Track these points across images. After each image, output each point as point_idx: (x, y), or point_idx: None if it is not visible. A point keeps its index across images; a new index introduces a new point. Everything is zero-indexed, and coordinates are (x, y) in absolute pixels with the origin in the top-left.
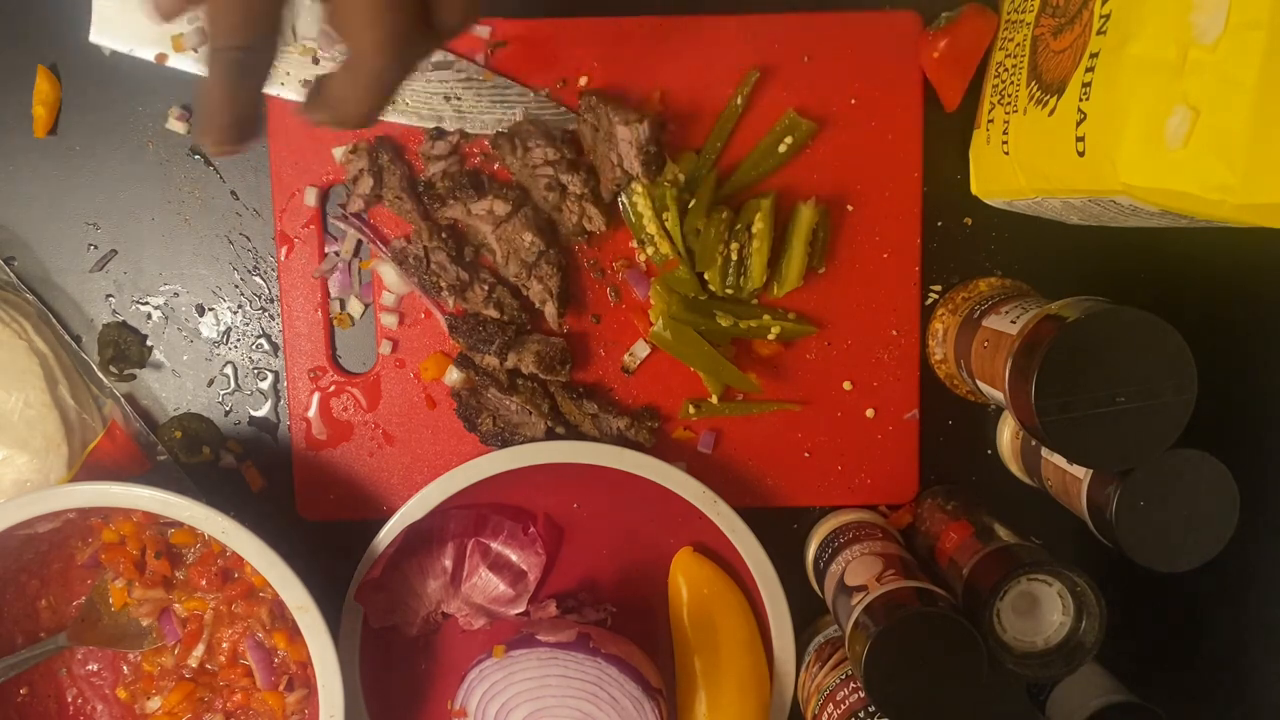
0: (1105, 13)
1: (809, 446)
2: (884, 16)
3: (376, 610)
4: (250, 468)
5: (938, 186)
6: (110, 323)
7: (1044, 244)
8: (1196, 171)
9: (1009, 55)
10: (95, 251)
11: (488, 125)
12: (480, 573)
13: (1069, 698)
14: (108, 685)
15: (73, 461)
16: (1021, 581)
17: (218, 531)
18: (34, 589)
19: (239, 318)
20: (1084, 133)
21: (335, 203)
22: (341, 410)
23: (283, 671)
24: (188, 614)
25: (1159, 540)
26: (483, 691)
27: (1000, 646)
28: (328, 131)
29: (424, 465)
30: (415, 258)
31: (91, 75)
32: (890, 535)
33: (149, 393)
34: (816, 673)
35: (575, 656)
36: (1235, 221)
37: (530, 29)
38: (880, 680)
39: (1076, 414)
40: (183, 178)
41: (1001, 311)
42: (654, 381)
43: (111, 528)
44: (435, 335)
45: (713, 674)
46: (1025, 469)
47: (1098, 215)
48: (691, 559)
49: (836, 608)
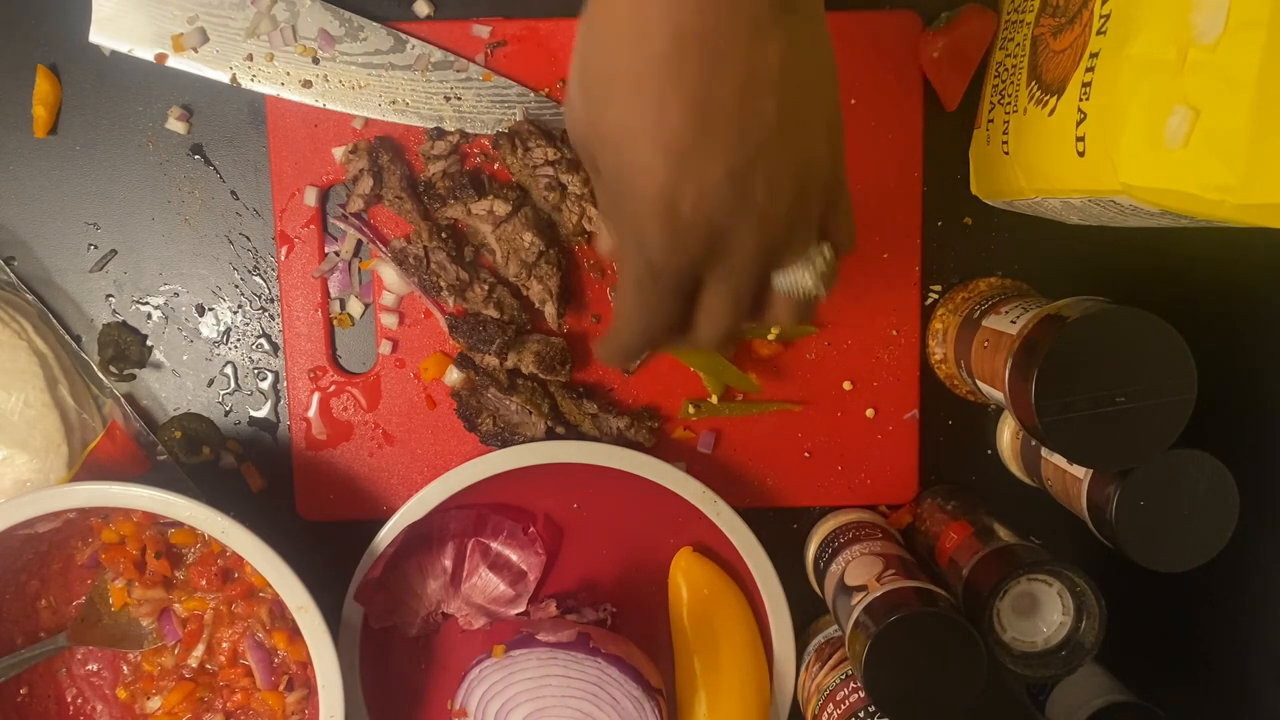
0: (1105, 13)
1: (809, 446)
2: (884, 16)
3: (376, 610)
4: (250, 468)
5: (938, 186)
6: (110, 323)
7: (1044, 244)
8: (1196, 171)
9: (1009, 55)
10: (95, 251)
11: (488, 125)
12: (480, 573)
13: (1069, 698)
14: (108, 685)
15: (73, 461)
16: (1021, 581)
17: (217, 531)
18: (34, 589)
19: (239, 318)
20: (1084, 133)
21: (335, 203)
22: (341, 410)
23: (283, 671)
24: (188, 614)
25: (1159, 540)
26: (483, 691)
27: (1000, 646)
28: (328, 131)
29: (424, 465)
30: (415, 258)
31: (91, 75)
32: (890, 535)
33: (149, 393)
34: (816, 673)
35: (575, 656)
36: (1235, 221)
37: (530, 29)
38: (880, 680)
39: (1076, 414)
40: (183, 178)
41: (1001, 311)
42: (654, 381)
43: (111, 528)
44: (435, 335)
45: (713, 674)
46: (1025, 469)
47: (1098, 215)
48: (691, 559)
49: (836, 608)
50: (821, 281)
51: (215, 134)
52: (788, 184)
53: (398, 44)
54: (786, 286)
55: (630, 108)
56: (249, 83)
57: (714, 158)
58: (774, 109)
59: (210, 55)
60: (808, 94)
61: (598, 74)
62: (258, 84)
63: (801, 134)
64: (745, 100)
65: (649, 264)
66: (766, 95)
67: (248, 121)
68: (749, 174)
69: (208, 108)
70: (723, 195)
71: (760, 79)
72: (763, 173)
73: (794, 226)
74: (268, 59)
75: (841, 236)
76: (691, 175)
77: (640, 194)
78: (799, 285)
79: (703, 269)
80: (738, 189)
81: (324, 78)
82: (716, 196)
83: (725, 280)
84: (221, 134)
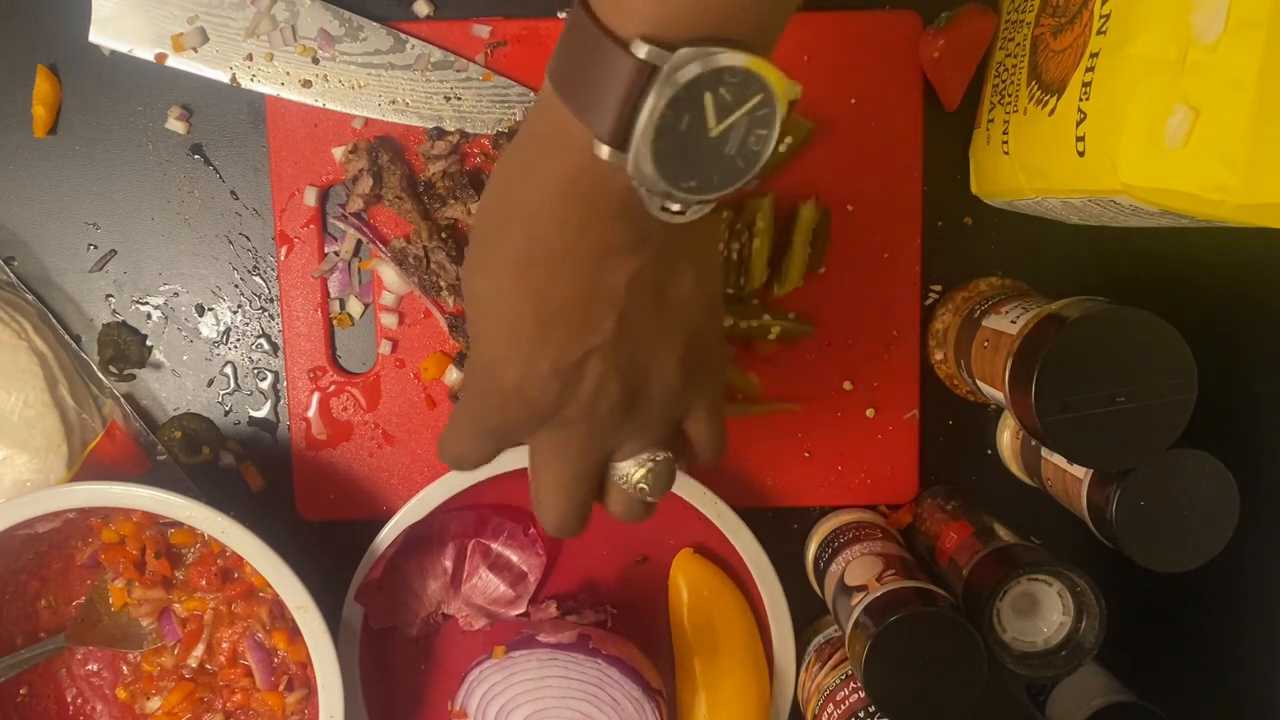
0: (1105, 13)
1: (809, 446)
2: (884, 16)
3: (377, 610)
4: (250, 468)
5: (938, 186)
6: (110, 323)
7: (1044, 244)
8: (1196, 171)
9: (1009, 55)
10: (95, 251)
11: (488, 125)
12: (480, 573)
13: (1069, 698)
14: (107, 685)
15: (73, 461)
16: (1021, 581)
17: (217, 531)
18: (34, 589)
19: (239, 318)
20: (1084, 133)
21: (335, 203)
22: (341, 410)
23: (283, 671)
24: (188, 614)
25: (1159, 540)
26: (483, 692)
27: (1000, 646)
28: (328, 131)
29: (424, 465)
30: (415, 258)
31: (91, 75)
32: (890, 535)
33: (149, 393)
34: (816, 673)
35: (575, 657)
36: (1235, 221)
37: (530, 29)
38: (880, 680)
39: (1076, 414)
40: (183, 178)
41: (1001, 311)
42: None
43: (111, 528)
44: (435, 335)
45: (713, 674)
46: (1025, 469)
47: (1098, 215)
48: (692, 560)
49: (836, 608)
50: (647, 480)
51: (215, 134)
52: (615, 388)
53: (398, 44)
54: (617, 478)
55: (489, 284)
56: (249, 83)
57: (544, 350)
58: (612, 324)
59: (210, 55)
60: (664, 316)
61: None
62: (258, 84)
63: (644, 349)
64: (583, 310)
65: (474, 412)
66: (606, 311)
67: (248, 121)
68: (576, 372)
69: (208, 108)
70: (546, 383)
71: (602, 295)
72: (591, 374)
73: (622, 427)
74: (268, 59)
75: (699, 445)
76: (521, 358)
77: (480, 354)
78: (628, 479)
79: (528, 436)
80: (562, 382)
81: (324, 78)
82: (540, 381)
83: (550, 459)
84: (221, 134)
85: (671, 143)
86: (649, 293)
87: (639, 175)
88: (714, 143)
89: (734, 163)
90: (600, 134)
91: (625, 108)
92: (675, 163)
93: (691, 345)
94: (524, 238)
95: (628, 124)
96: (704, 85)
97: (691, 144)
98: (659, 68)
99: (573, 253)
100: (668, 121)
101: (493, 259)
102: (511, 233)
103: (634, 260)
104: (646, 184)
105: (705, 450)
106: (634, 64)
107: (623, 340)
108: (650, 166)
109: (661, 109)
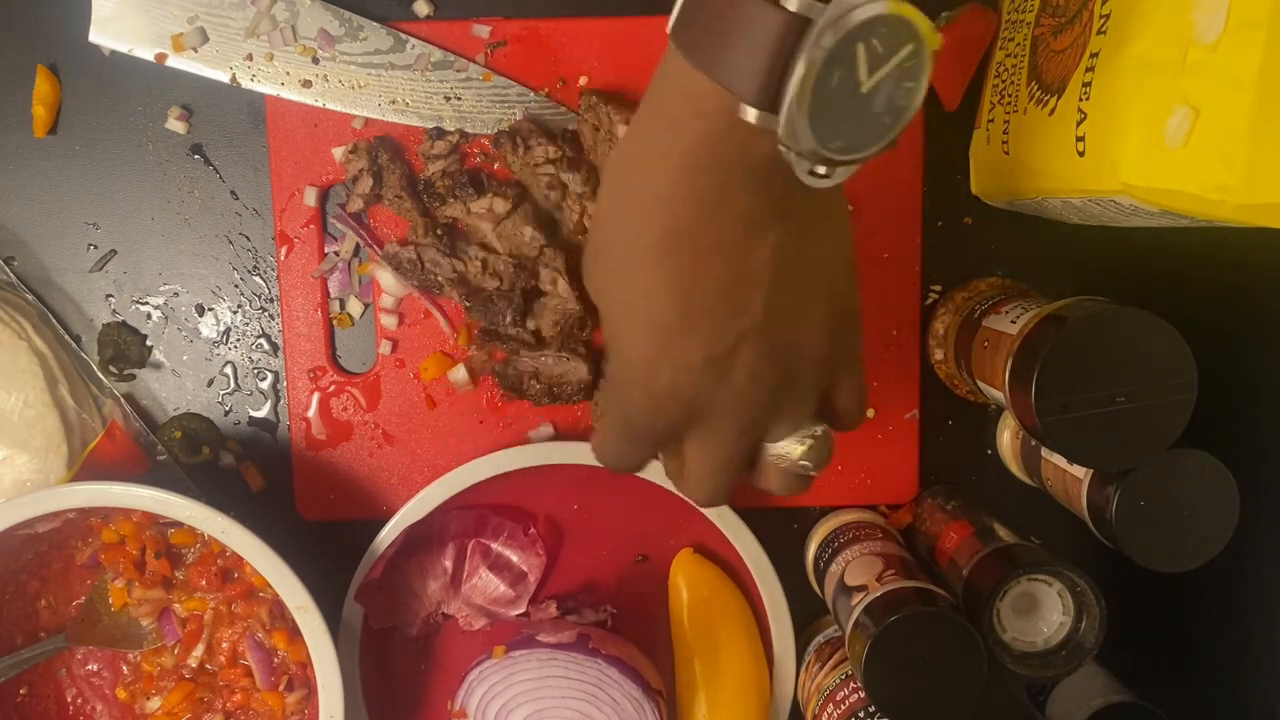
0: (1105, 13)
1: None
2: None
3: (377, 610)
4: (250, 468)
5: (938, 186)
6: (110, 323)
7: (1044, 244)
8: (1196, 171)
9: (1009, 55)
10: (95, 251)
11: (488, 125)
12: (480, 573)
13: (1069, 698)
14: (107, 685)
15: (73, 461)
16: (1021, 581)
17: (217, 531)
18: (34, 589)
19: (239, 318)
20: (1084, 133)
21: (335, 203)
22: (341, 410)
23: (283, 671)
24: (188, 614)
25: (1159, 540)
26: (483, 692)
27: (1000, 646)
28: (328, 131)
29: (424, 465)
30: (409, 260)
31: (91, 75)
32: (890, 535)
33: (149, 393)
34: (816, 673)
35: (575, 657)
36: (1235, 221)
37: (530, 29)
38: (880, 680)
39: (1076, 414)
40: (183, 178)
41: (1001, 311)
42: None
43: (111, 528)
44: (435, 335)
45: (713, 675)
46: (1025, 469)
47: (1098, 215)
48: (691, 560)
49: (836, 608)
50: (809, 457)
51: (215, 134)
52: (769, 371)
53: (398, 44)
54: (774, 456)
55: (625, 283)
56: (249, 83)
57: (694, 342)
58: (761, 304)
59: (210, 55)
60: (806, 287)
61: (603, 247)
62: (258, 84)
63: (793, 324)
64: (730, 293)
65: (628, 418)
66: (753, 290)
67: (248, 121)
68: (729, 360)
69: (208, 108)
70: (699, 376)
71: (748, 275)
72: (744, 360)
73: (778, 407)
74: (268, 59)
75: (845, 414)
76: (671, 355)
77: (626, 359)
78: (787, 457)
79: (684, 431)
80: (715, 372)
81: (324, 77)
82: (693, 377)
83: (705, 447)
84: (221, 134)
85: (824, 101)
86: (791, 265)
87: (791, 138)
88: (863, 99)
89: (880, 119)
90: (746, 96)
91: (776, 65)
92: (826, 122)
93: (834, 313)
94: (658, 225)
95: (779, 83)
96: (858, 36)
97: (841, 101)
98: (811, 20)
99: (712, 234)
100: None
101: (624, 255)
102: (641, 223)
103: (774, 233)
104: (798, 147)
105: (849, 416)
106: (783, 17)
107: (771, 319)
108: (805, 128)
109: (820, 64)
